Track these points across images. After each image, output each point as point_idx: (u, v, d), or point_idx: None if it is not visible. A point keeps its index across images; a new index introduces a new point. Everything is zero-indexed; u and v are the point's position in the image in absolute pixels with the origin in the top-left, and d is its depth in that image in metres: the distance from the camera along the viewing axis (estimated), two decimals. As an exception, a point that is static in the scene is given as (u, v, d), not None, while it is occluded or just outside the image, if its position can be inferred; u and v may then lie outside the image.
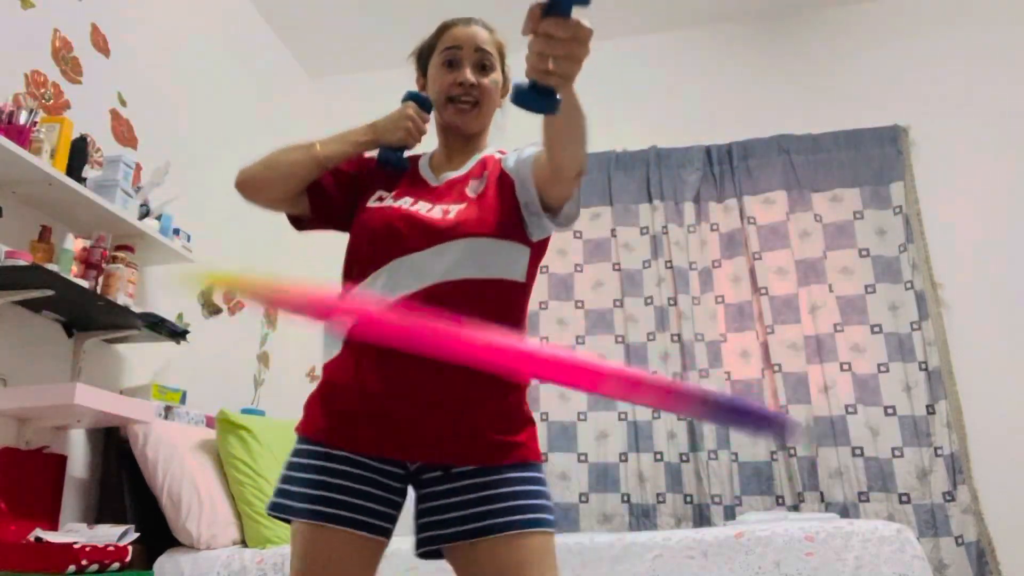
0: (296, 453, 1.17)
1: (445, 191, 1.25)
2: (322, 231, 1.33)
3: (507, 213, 1.18)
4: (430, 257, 1.14)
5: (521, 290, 1.20)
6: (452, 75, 1.27)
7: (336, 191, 1.30)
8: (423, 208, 1.20)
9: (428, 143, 1.36)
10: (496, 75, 1.30)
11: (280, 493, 1.14)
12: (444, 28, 1.31)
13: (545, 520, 1.10)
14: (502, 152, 1.30)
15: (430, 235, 1.15)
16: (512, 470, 1.12)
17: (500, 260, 1.16)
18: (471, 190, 1.23)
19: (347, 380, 1.15)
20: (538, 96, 0.85)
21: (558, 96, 0.86)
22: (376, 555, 1.14)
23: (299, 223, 1.34)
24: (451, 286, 1.12)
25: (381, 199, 1.25)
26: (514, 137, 1.27)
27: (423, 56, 1.35)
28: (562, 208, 1.13)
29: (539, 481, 1.14)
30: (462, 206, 1.19)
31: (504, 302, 1.16)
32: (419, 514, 1.15)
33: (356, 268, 1.21)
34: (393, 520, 1.16)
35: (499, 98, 1.33)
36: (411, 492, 1.18)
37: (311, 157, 1.24)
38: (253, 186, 1.25)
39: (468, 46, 1.27)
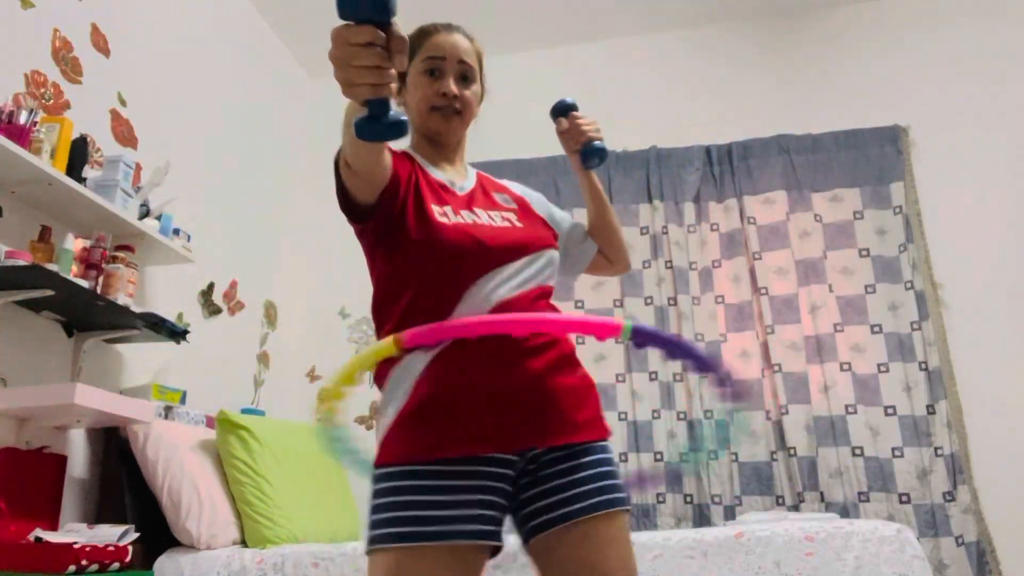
0: (395, 485, 1.07)
1: (472, 201, 1.26)
2: (366, 226, 1.18)
3: (544, 226, 1.33)
4: (524, 266, 1.20)
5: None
6: (435, 85, 1.26)
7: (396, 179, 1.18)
8: (496, 219, 1.24)
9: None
10: (477, 87, 1.31)
11: (398, 521, 1.04)
12: (424, 34, 1.30)
13: (628, 498, 1.18)
14: (501, 180, 1.39)
15: (520, 247, 1.21)
16: (602, 449, 1.18)
17: (556, 269, 1.29)
18: (504, 201, 1.32)
19: (445, 387, 1.11)
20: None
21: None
22: (482, 566, 1.09)
23: (362, 213, 1.15)
24: (534, 292, 1.21)
25: (444, 214, 1.19)
26: (513, 118, 1.30)
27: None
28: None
29: (614, 461, 1.21)
30: (514, 217, 1.27)
31: (552, 305, 1.28)
32: (524, 503, 1.14)
33: (435, 282, 1.15)
34: (501, 522, 1.12)
35: (477, 108, 1.33)
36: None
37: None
38: (355, 159, 1.04)
39: (451, 57, 1.27)
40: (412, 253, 1.15)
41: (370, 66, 0.79)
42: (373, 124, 0.80)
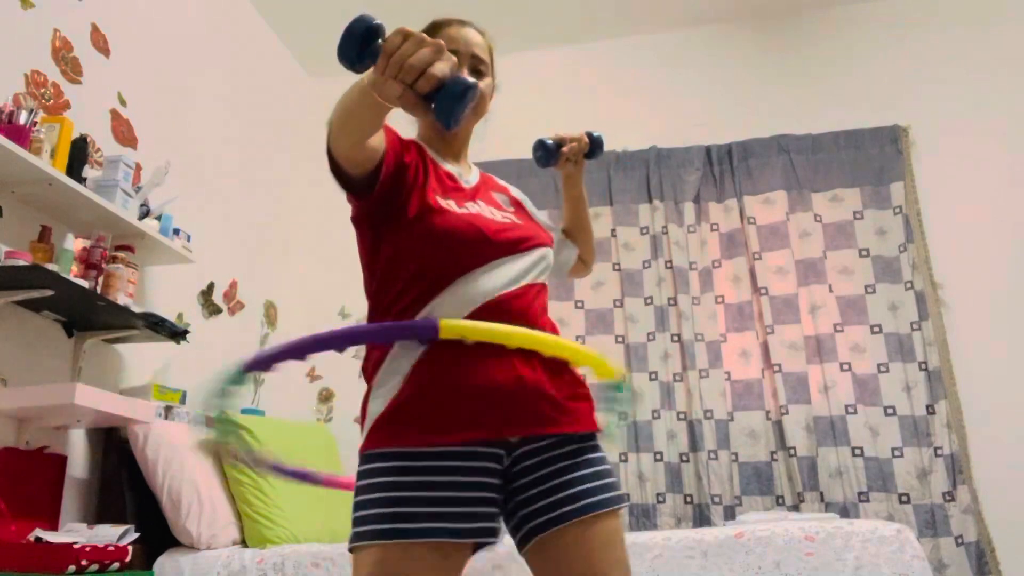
0: (387, 471, 1.06)
1: (476, 194, 1.27)
2: (360, 204, 1.18)
3: (542, 228, 1.34)
4: (511, 263, 1.19)
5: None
6: None
7: (402, 163, 1.18)
8: (492, 214, 1.24)
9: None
10: (489, 80, 1.31)
11: (392, 517, 1.02)
12: (437, 27, 1.30)
13: (623, 496, 1.22)
14: (501, 181, 1.41)
15: (518, 241, 1.21)
16: (596, 448, 1.17)
17: (550, 268, 1.30)
18: (503, 201, 1.32)
19: (437, 377, 1.10)
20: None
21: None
22: (464, 562, 1.08)
23: (361, 188, 1.14)
24: (530, 287, 1.21)
25: (448, 203, 1.19)
26: (513, 118, 1.31)
27: None
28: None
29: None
30: (512, 214, 1.28)
31: (545, 303, 1.29)
32: (519, 504, 1.13)
33: (433, 267, 1.14)
34: (494, 518, 1.11)
35: (489, 103, 1.33)
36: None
37: (360, 85, 0.98)
38: (340, 143, 1.05)
39: (465, 50, 1.27)
40: (413, 237, 1.15)
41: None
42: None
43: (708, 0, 3.74)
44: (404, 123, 1.27)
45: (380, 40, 0.87)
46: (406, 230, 1.16)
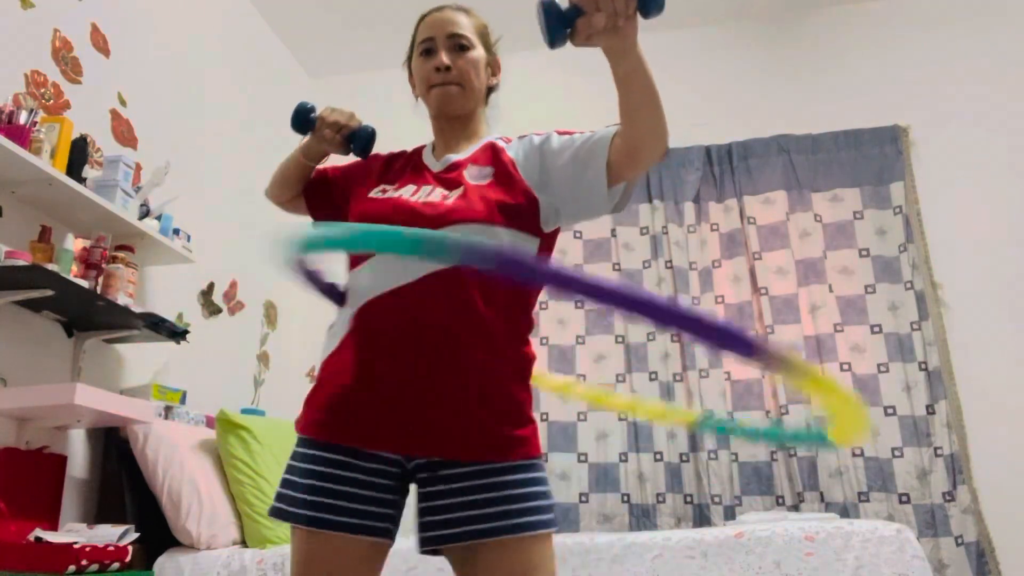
0: (294, 455, 1.16)
1: (447, 174, 1.23)
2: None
3: (514, 200, 1.16)
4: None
5: None
6: (429, 63, 1.26)
7: (331, 187, 1.38)
8: (422, 194, 1.19)
9: (421, 135, 1.36)
10: (475, 52, 1.27)
11: (279, 497, 1.13)
12: (418, 23, 1.32)
13: (548, 521, 1.09)
14: (506, 140, 1.28)
15: (424, 221, 1.11)
16: (516, 471, 1.09)
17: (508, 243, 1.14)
18: (471, 176, 1.20)
19: (348, 373, 1.12)
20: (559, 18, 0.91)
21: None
22: (379, 558, 1.13)
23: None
24: (451, 273, 1.08)
25: (384, 191, 1.23)
26: (512, 118, 1.30)
27: (410, 58, 1.35)
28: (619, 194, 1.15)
29: (542, 481, 1.12)
30: (459, 191, 1.17)
31: (511, 290, 1.13)
32: (420, 512, 1.13)
33: (355, 258, 1.20)
34: (395, 520, 1.14)
35: (487, 76, 1.31)
36: (412, 488, 1.17)
37: (295, 151, 1.37)
38: (270, 191, 1.44)
39: (440, 33, 1.27)
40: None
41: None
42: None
43: (708, 0, 3.74)
44: (403, 123, 1.28)
45: (314, 114, 1.33)
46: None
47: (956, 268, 3.26)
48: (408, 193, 1.20)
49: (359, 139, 1.33)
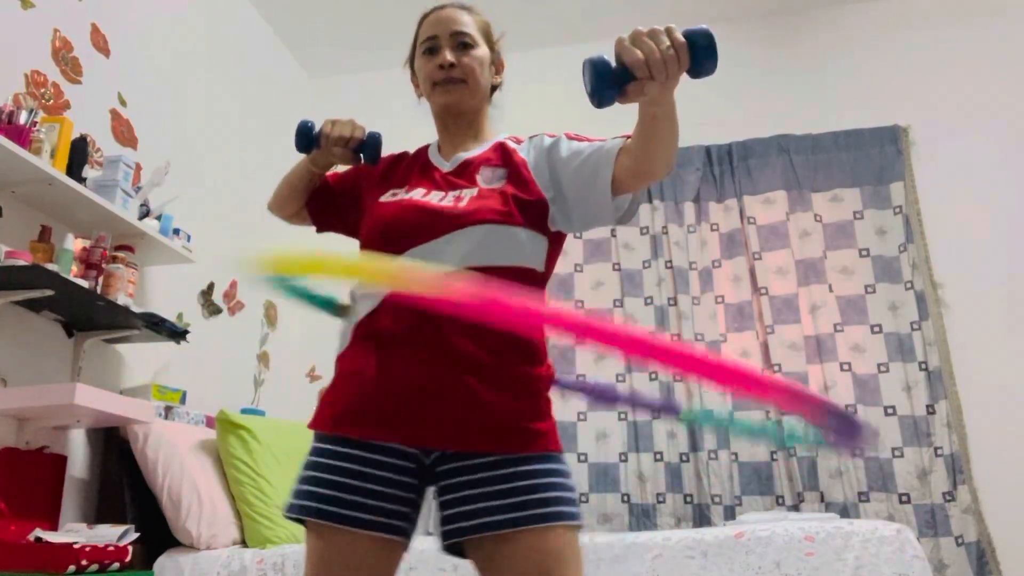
0: (311, 451, 1.14)
1: (458, 174, 1.23)
2: (338, 232, 1.40)
3: (527, 200, 1.17)
4: (443, 245, 1.12)
5: (540, 279, 1.18)
6: (433, 61, 1.26)
7: (335, 196, 1.37)
8: (435, 197, 1.19)
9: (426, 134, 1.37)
10: (479, 51, 1.27)
11: (295, 493, 1.11)
12: (420, 22, 1.32)
13: (572, 514, 1.08)
14: (516, 140, 1.28)
15: (442, 222, 1.13)
16: (537, 461, 1.08)
17: (517, 247, 1.14)
18: (484, 178, 1.20)
19: (364, 367, 1.11)
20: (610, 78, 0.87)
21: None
22: (395, 557, 1.10)
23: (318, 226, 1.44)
24: (469, 273, 1.09)
25: (395, 194, 1.22)
26: (516, 118, 1.31)
27: (412, 58, 1.35)
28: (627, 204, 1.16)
29: (564, 472, 1.11)
30: (474, 192, 1.17)
31: (522, 290, 1.12)
32: (442, 506, 1.11)
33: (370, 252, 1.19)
34: (411, 520, 1.11)
35: (490, 74, 1.31)
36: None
37: (302, 162, 1.34)
38: (276, 205, 1.42)
39: (443, 31, 1.27)
40: (362, 234, 1.24)
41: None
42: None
43: (709, 0, 3.74)
44: (405, 120, 1.28)
45: (315, 131, 1.29)
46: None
47: (956, 268, 3.26)
48: (420, 194, 1.20)
49: (368, 148, 1.28)
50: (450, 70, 1.24)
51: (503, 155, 1.24)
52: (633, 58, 0.91)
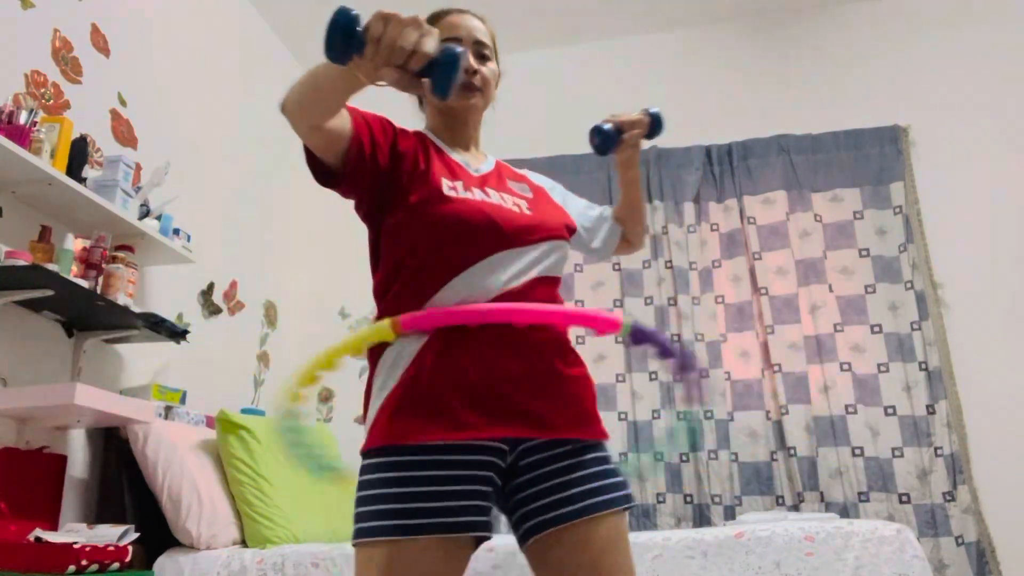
0: (371, 473, 1.07)
1: (485, 182, 1.24)
2: (346, 194, 1.18)
3: (569, 223, 1.32)
4: (521, 255, 1.17)
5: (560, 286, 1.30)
6: None
7: (377, 150, 1.15)
8: (507, 202, 1.22)
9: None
10: (493, 66, 1.30)
11: (360, 518, 1.05)
12: (438, 17, 1.30)
13: (630, 496, 1.15)
14: (521, 169, 1.39)
15: (525, 233, 1.18)
16: (602, 448, 1.16)
17: (564, 260, 1.28)
18: (520, 190, 1.29)
19: (437, 371, 1.08)
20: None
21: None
22: (469, 556, 1.08)
23: (325, 176, 1.14)
24: (538, 281, 1.18)
25: (455, 188, 1.17)
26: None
27: None
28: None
29: (612, 459, 1.18)
30: (524, 204, 1.24)
31: (557, 296, 1.26)
32: (525, 500, 1.12)
33: (438, 256, 1.13)
34: (490, 512, 1.11)
35: (495, 89, 1.32)
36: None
37: (338, 71, 1.00)
38: (295, 108, 1.05)
39: (468, 36, 1.27)
40: (416, 226, 1.14)
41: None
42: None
43: (708, 0, 3.74)
44: (403, 116, 1.28)
45: (359, 28, 0.89)
46: (407, 219, 1.15)
47: (956, 268, 3.26)
48: (492, 197, 1.21)
49: (441, 70, 0.89)
50: (472, 76, 1.25)
51: (513, 173, 1.34)
52: (620, 120, 1.40)
